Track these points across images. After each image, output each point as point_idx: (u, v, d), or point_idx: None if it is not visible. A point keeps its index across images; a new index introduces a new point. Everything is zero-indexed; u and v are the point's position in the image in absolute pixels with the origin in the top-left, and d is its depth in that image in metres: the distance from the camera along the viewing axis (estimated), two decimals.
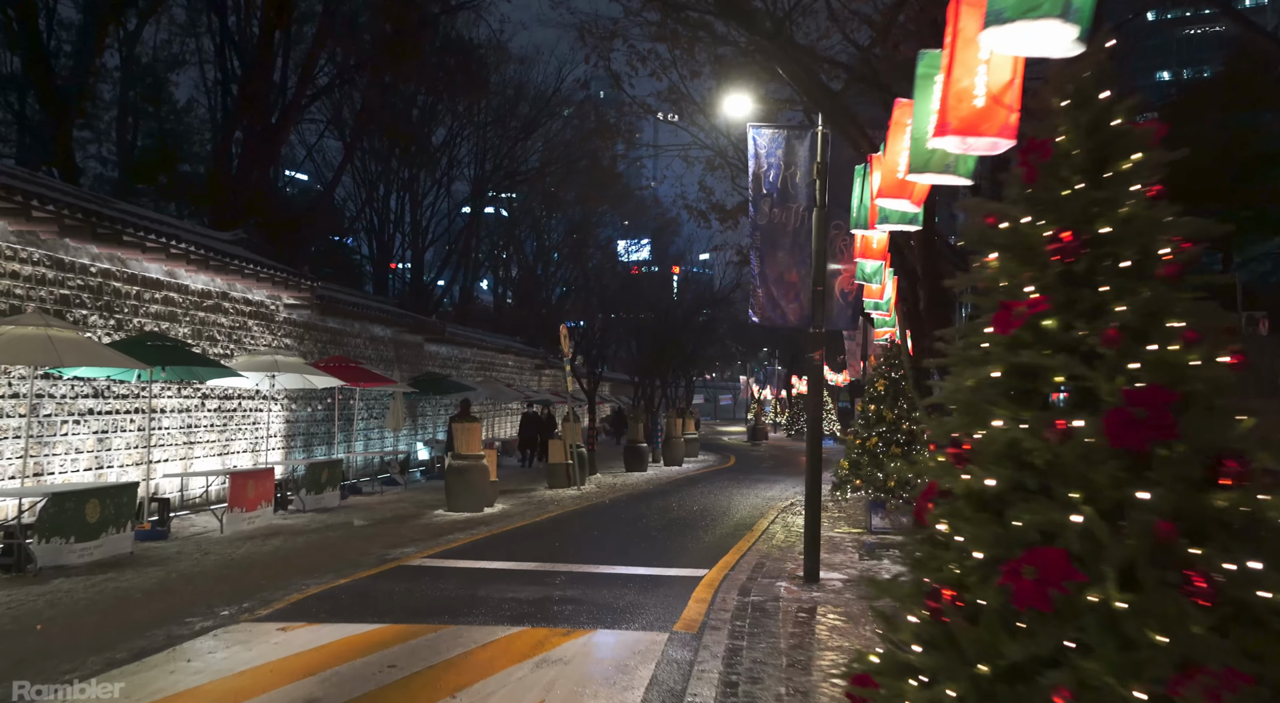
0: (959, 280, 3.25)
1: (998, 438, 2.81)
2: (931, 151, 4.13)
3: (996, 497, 2.84)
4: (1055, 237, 2.87)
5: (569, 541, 13.12)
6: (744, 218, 23.36)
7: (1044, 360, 2.80)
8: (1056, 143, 2.92)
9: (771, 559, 11.38)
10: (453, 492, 16.20)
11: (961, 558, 2.86)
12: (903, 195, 4.97)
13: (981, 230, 3.13)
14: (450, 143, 41.87)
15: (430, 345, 27.61)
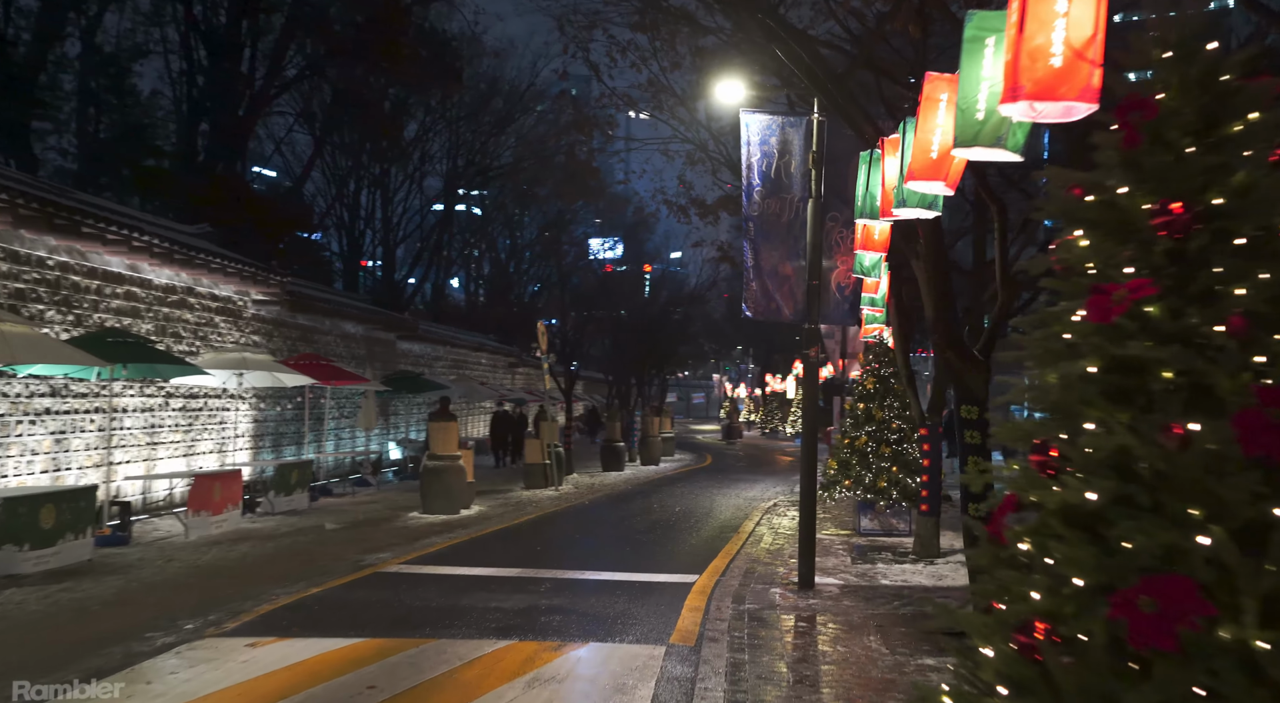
0: (1033, 262, 2.83)
1: (1101, 444, 2.39)
2: (981, 123, 3.74)
3: (1095, 513, 2.43)
4: (1162, 209, 2.46)
5: (551, 544, 12.66)
6: (724, 213, 22.98)
7: (1153, 353, 2.39)
8: (1161, 101, 2.51)
9: (762, 564, 10.98)
10: (428, 493, 15.68)
11: (1056, 585, 2.44)
12: (936, 176, 4.57)
13: (1066, 204, 2.72)
14: (422, 137, 41.21)
15: (403, 343, 27.03)
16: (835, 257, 9.85)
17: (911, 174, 4.71)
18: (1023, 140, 3.84)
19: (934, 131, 4.54)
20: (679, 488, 21.34)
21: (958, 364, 7.51)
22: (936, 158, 4.55)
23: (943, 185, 4.65)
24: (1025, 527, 2.61)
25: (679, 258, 59.94)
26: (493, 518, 15.24)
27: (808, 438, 9.77)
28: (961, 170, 4.61)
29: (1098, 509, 2.41)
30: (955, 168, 4.58)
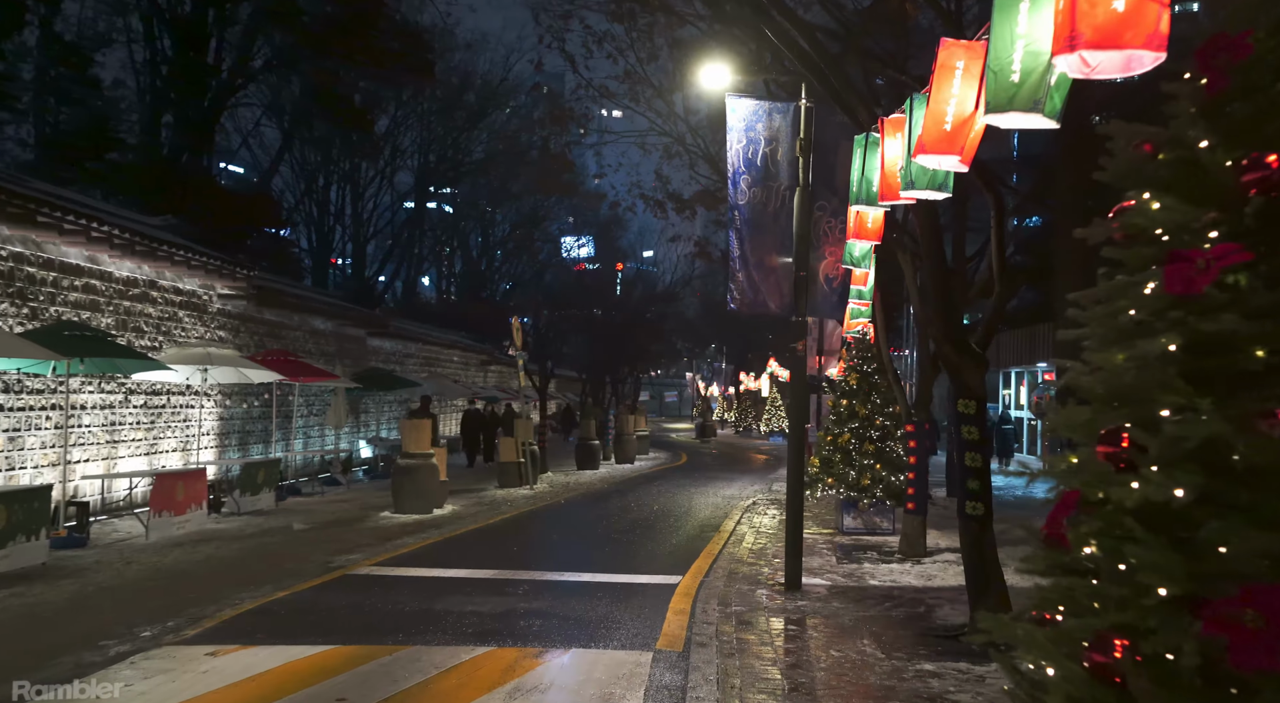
0: (1093, 229, 2.52)
1: (1190, 432, 2.08)
2: (1017, 86, 3.43)
3: (1177, 512, 2.12)
4: (1254, 163, 2.15)
5: (528, 545, 12.29)
6: (701, 208, 22.69)
7: (1246, 327, 2.08)
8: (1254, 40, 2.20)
9: (746, 564, 10.67)
10: (400, 492, 15.25)
11: (1133, 595, 2.13)
12: (950, 149, 4.27)
13: (1133, 163, 2.40)
14: (394, 132, 40.62)
15: (374, 340, 26.51)
16: (823, 247, 9.56)
17: (922, 147, 4.40)
18: (1060, 105, 3.54)
19: (949, 102, 4.23)
20: (656, 487, 21.02)
21: (955, 359, 7.23)
22: (951, 130, 4.24)
23: (956, 160, 4.34)
24: (1091, 527, 2.30)
25: (651, 257, 59.55)
26: (467, 518, 14.85)
27: (795, 435, 9.47)
28: (977, 144, 4.31)
29: (1181, 508, 2.10)
30: (971, 141, 4.28)
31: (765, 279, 9.56)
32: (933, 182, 5.08)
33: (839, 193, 9.54)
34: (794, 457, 9.44)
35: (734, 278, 9.62)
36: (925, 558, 11.08)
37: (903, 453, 13.33)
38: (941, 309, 7.26)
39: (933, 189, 5.10)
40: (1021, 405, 31.33)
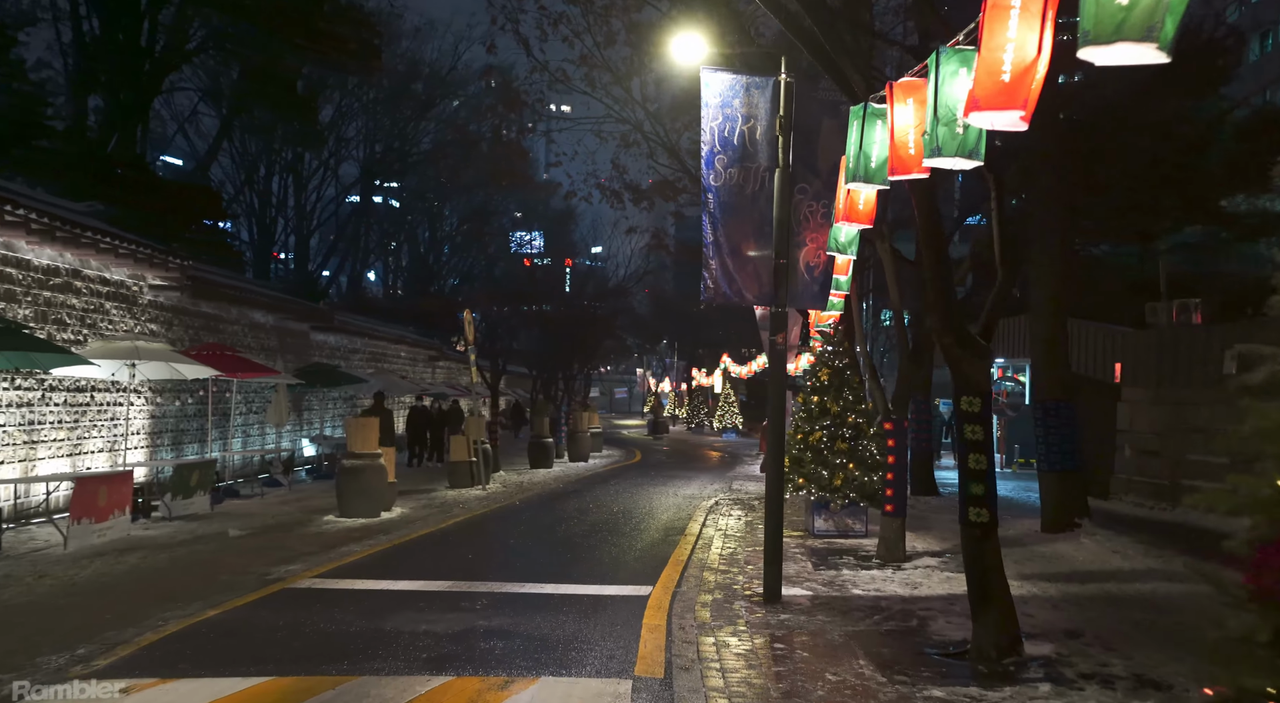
0: None
1: None
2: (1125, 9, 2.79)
3: None
4: None
5: (484, 551, 11.51)
6: (660, 199, 22.01)
7: None
8: None
9: (718, 571, 10.01)
10: (345, 495, 14.38)
11: None
12: (1011, 104, 3.61)
13: None
14: (338, 122, 39.36)
15: (318, 334, 25.47)
16: (804, 233, 8.92)
17: (976, 103, 3.74)
18: (1173, 33, 2.91)
19: (1005, 48, 3.59)
20: (613, 486, 20.31)
21: (956, 351, 6.62)
22: (1010, 81, 3.60)
23: (1018, 116, 3.70)
24: None
25: (600, 252, 58.71)
26: (417, 521, 14.02)
27: (774, 436, 8.82)
28: (1039, 94, 3.67)
29: None
30: (1034, 92, 3.64)
31: (742, 267, 8.89)
32: (962, 147, 4.44)
33: (821, 175, 8.93)
34: (773, 459, 8.79)
35: (707, 266, 8.94)
36: (905, 563, 10.52)
37: (877, 452, 12.79)
38: (941, 298, 6.65)
39: (962, 156, 4.46)
40: None
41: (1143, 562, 10.75)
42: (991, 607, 6.55)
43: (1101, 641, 7.05)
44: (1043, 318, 13.52)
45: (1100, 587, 9.30)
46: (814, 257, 8.92)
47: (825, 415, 12.90)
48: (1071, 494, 13.21)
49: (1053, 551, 11.59)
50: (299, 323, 23.76)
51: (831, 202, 8.85)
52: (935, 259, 6.69)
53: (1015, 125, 3.84)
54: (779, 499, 8.75)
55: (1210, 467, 14.87)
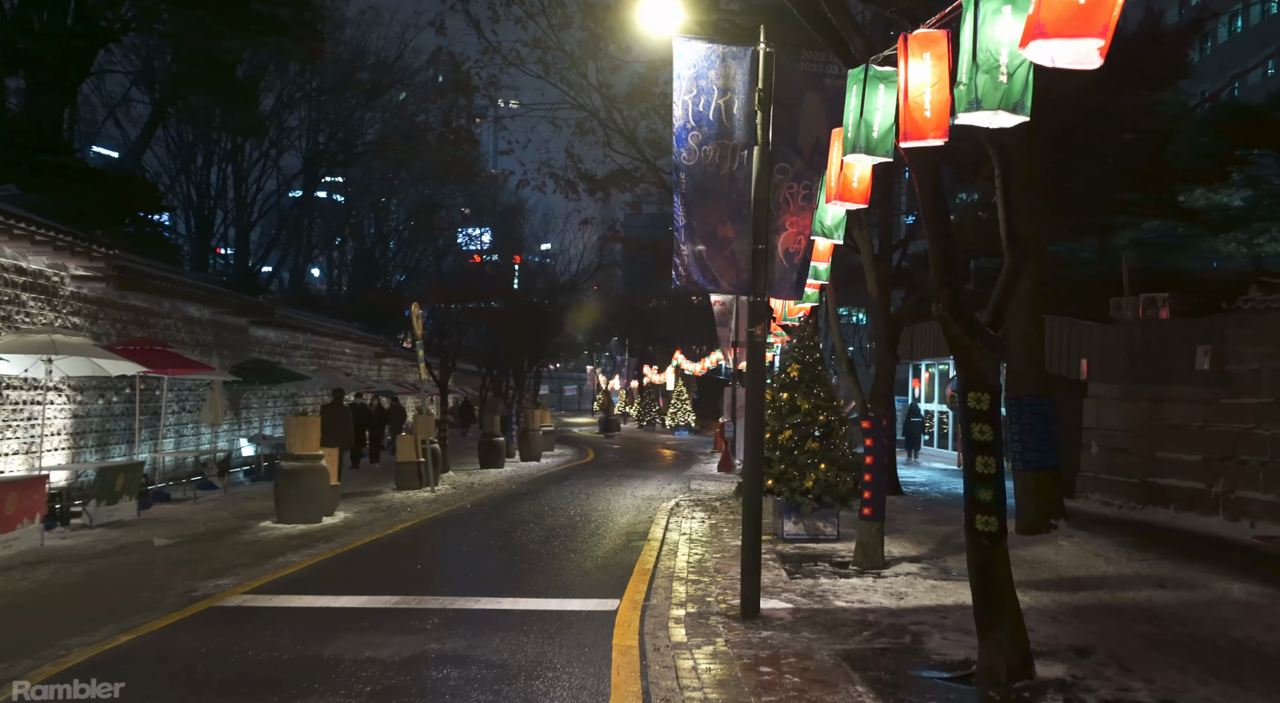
0: None
1: None
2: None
3: None
4: None
5: (435, 560, 10.68)
6: (615, 190, 21.28)
7: None
8: None
9: (688, 582, 9.31)
10: (284, 499, 13.46)
11: None
12: (1087, 30, 2.94)
13: None
14: (280, 111, 37.96)
15: (257, 330, 24.34)
16: (784, 217, 8.23)
17: (1039, 30, 3.07)
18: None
19: None
20: (568, 487, 19.54)
21: (964, 342, 6.00)
22: (1087, 2, 2.95)
23: (1095, 46, 3.04)
24: None
25: (549, 248, 57.58)
26: (361, 527, 13.14)
27: (752, 437, 8.14)
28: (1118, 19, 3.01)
29: None
30: (1115, 15, 2.98)
31: (717, 253, 8.19)
32: (1007, 98, 3.77)
33: (803, 154, 8.26)
34: (751, 461, 8.11)
35: (678, 251, 8.22)
36: (885, 570, 9.91)
37: (849, 452, 12.20)
38: (948, 282, 6.02)
39: (1006, 108, 3.79)
40: (932, 399, 30.90)
41: (1128, 566, 10.27)
42: (1001, 624, 5.92)
43: (1116, 660, 6.46)
44: (1020, 313, 13.02)
45: (1094, 595, 8.76)
46: (794, 242, 8.25)
47: (795, 413, 12.26)
48: (1049, 494, 12.75)
49: (1032, 554, 11.07)
50: (237, 318, 22.64)
51: (814, 183, 8.20)
52: (940, 238, 6.05)
53: (1087, 59, 3.18)
54: (758, 504, 8.07)
55: (1184, 465, 14.53)
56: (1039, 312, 13.12)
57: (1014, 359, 13.16)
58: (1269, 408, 12.97)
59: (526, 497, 17.54)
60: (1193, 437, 14.42)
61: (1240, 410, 13.47)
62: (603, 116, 19.18)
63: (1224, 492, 13.61)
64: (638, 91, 19.68)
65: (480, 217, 58.19)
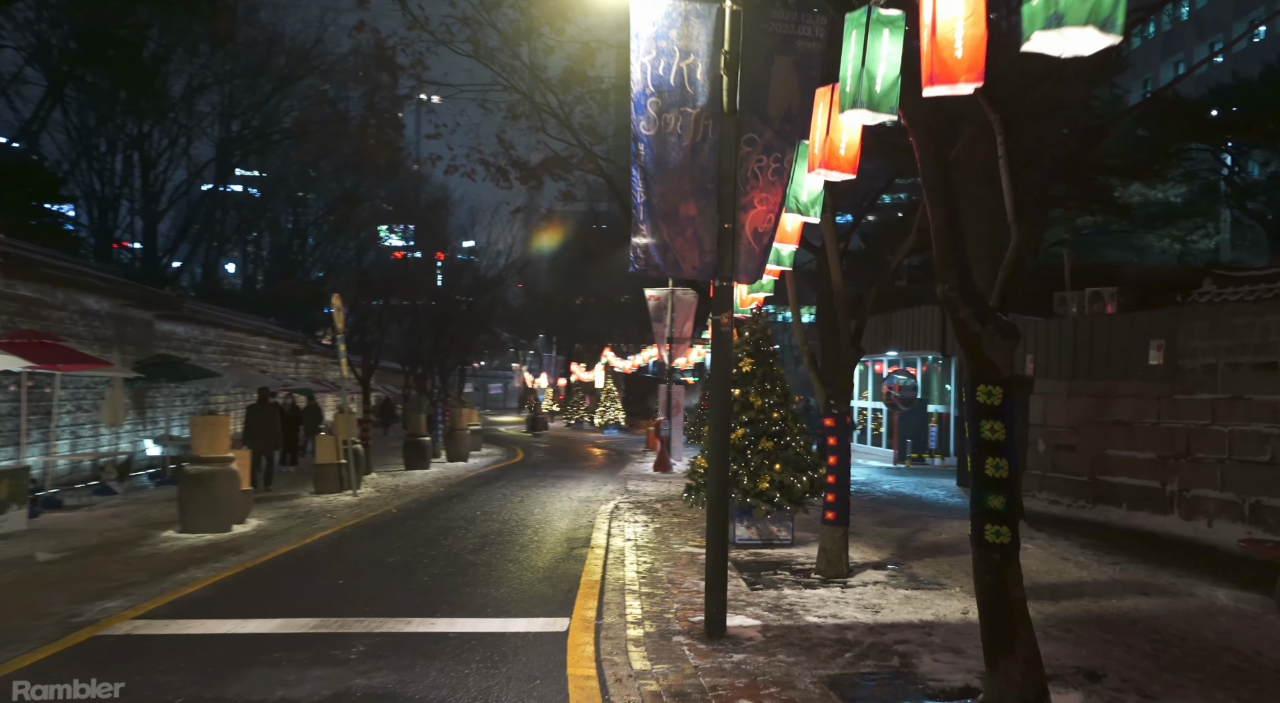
0: None
1: None
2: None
3: None
4: None
5: (359, 574, 9.67)
6: (548, 177, 20.35)
7: None
8: None
9: (641, 595, 8.49)
10: (189, 506, 12.28)
11: None
12: None
13: None
14: (190, 96, 36.00)
15: (164, 323, 22.82)
16: (752, 193, 7.45)
17: None
18: None
19: None
20: (499, 489, 18.56)
21: (974, 327, 5.28)
22: None
23: None
24: None
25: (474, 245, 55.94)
26: (276, 536, 12.03)
27: (717, 437, 7.35)
28: None
29: None
30: None
31: (679, 233, 7.38)
32: (1096, 14, 3.04)
33: (773, 123, 7.48)
34: (717, 463, 7.32)
35: (637, 230, 7.38)
36: (851, 579, 9.22)
37: (804, 450, 11.51)
38: (955, 261, 5.30)
39: (1095, 25, 3.05)
40: (866, 396, 30.61)
41: (1100, 571, 9.75)
42: (1014, 653, 5.21)
43: (1134, 686, 5.82)
44: None
45: (1077, 605, 8.17)
46: (763, 221, 7.47)
47: (748, 410, 11.52)
48: None
49: None
50: (142, 311, 21.13)
51: (785, 155, 7.44)
52: (945, 210, 5.32)
53: None
54: (724, 510, 7.28)
55: (1135, 462, 14.19)
56: (1003, 302, 12.59)
57: None
58: (1225, 404, 12.65)
59: (456, 500, 16.53)
60: (1144, 434, 14.09)
61: (1195, 406, 13.15)
62: (537, 100, 18.23)
63: (1179, 490, 13.27)
64: (572, 75, 18.79)
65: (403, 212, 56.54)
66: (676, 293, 26.06)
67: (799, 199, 7.03)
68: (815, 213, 7.13)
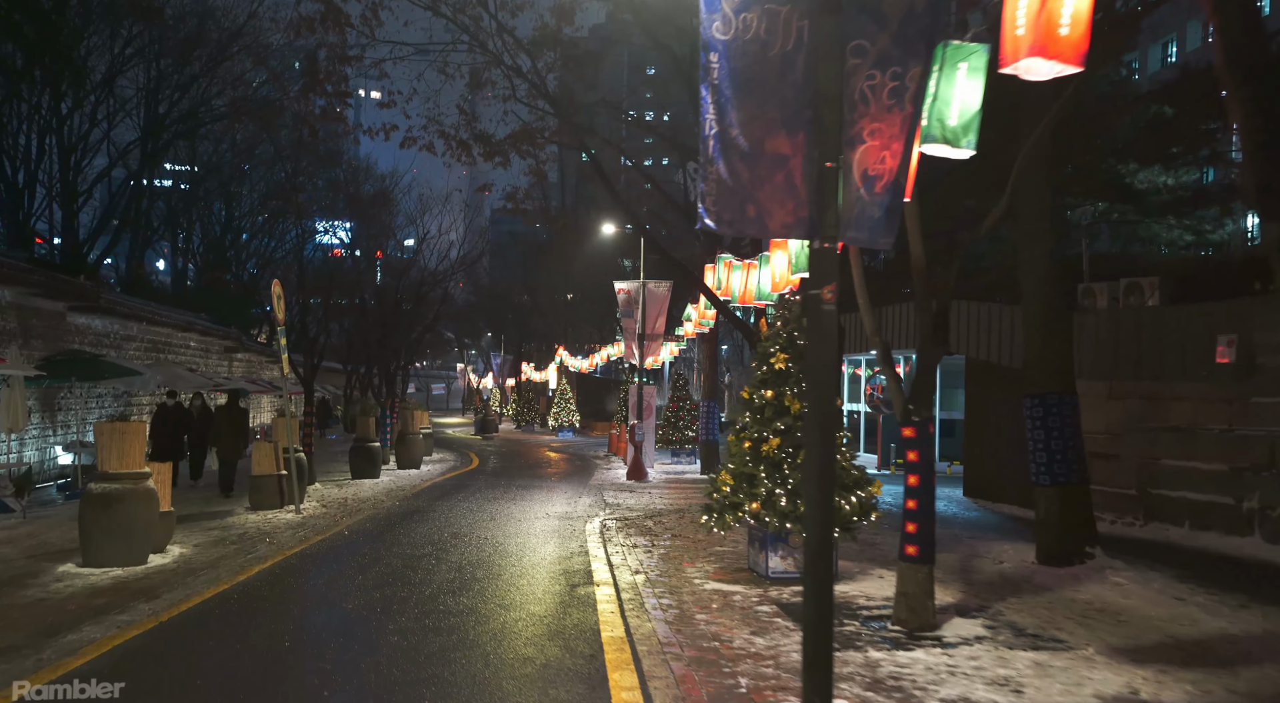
0: None
1: None
2: None
3: None
4: None
5: (310, 632, 7.49)
6: (515, 155, 18.19)
7: None
8: None
9: (689, 662, 6.46)
10: (93, 535, 9.97)
11: None
12: None
13: None
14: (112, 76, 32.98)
15: (79, 316, 20.26)
16: (860, 122, 5.45)
17: None
18: None
19: None
20: (462, 503, 16.38)
21: None
22: None
23: None
24: None
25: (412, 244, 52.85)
26: (202, 571, 9.78)
27: (817, 441, 5.33)
28: None
29: None
30: None
31: (763, 177, 5.36)
32: None
33: (889, 24, 5.49)
34: (818, 495, 5.30)
35: (707, 175, 5.36)
36: (944, 633, 7.29)
37: (850, 464, 9.58)
38: None
39: None
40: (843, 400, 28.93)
41: (1237, 617, 7.91)
42: None
43: None
44: (1036, 291, 10.70)
45: (1263, 674, 6.32)
46: (875, 161, 5.48)
47: (782, 416, 9.55)
48: (1077, 514, 10.43)
49: (1090, 596, 8.68)
50: (51, 301, 18.57)
51: (907, 69, 5.46)
52: None
53: None
54: (827, 557, 5.27)
55: (1199, 475, 12.49)
56: (1058, 292, 10.83)
57: (1030, 348, 10.82)
58: None
59: (416, 518, 14.33)
60: (1209, 442, 12.41)
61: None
62: (508, 63, 16.08)
63: (1260, 507, 11.60)
64: (548, 37, 16.69)
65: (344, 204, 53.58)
66: (649, 286, 24.06)
67: (944, 123, 5.07)
68: (969, 143, 5.16)
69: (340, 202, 46.64)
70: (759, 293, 10.60)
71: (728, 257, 13.67)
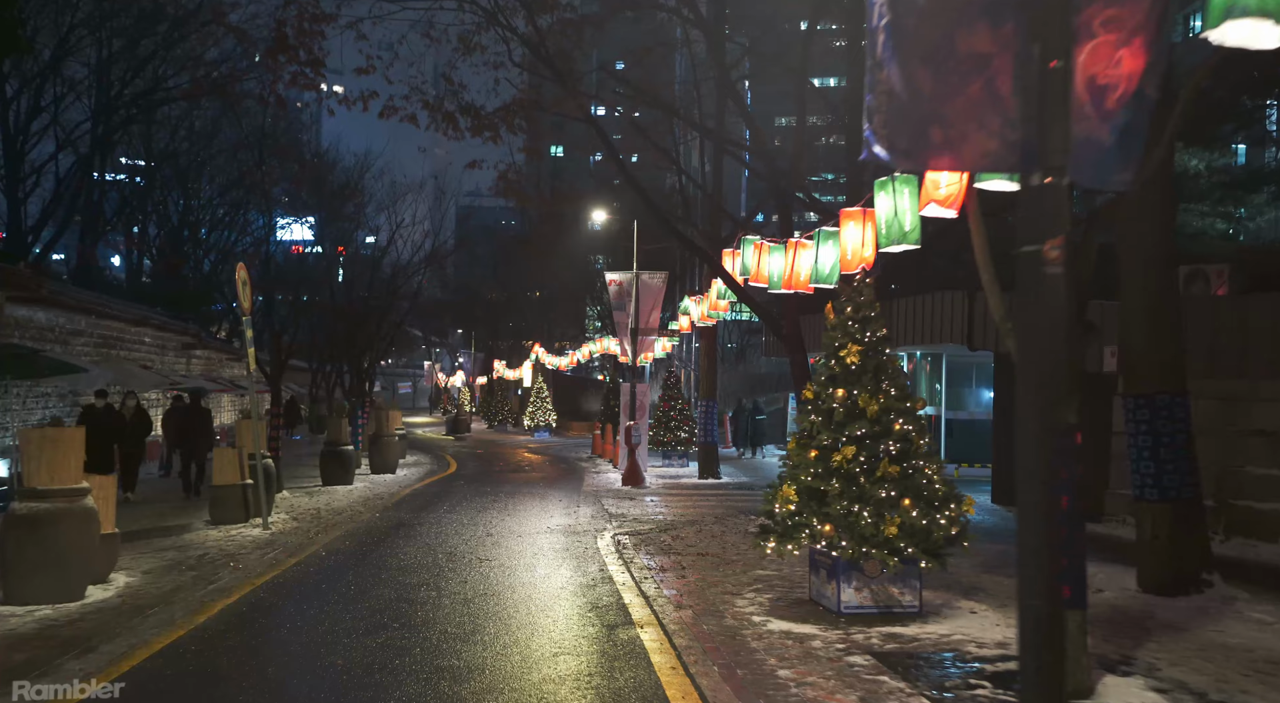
0: None
1: None
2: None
3: None
4: None
5: (283, 697, 5.80)
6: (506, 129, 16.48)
7: None
8: None
9: None
10: (17, 565, 8.19)
11: None
12: None
13: None
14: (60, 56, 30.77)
15: (18, 308, 18.27)
16: (1086, 11, 3.86)
17: None
18: None
19: None
20: (449, 515, 14.65)
21: None
22: None
23: None
24: None
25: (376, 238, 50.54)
26: (152, 608, 8.02)
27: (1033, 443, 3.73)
28: None
29: None
30: None
31: (956, 87, 3.77)
32: None
33: None
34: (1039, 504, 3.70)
35: (876, 82, 3.77)
36: (1107, 700, 5.73)
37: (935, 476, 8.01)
38: None
39: None
40: None
41: None
42: None
43: None
44: (1143, 277, 9.19)
45: None
46: (1109, 62, 3.89)
47: (858, 420, 7.96)
48: (1192, 535, 8.95)
49: (1250, 642, 7.16)
50: None
51: None
52: None
53: None
54: (1057, 625, 3.68)
55: None
56: (1168, 272, 9.34)
57: (1133, 341, 9.32)
58: None
59: (402, 534, 12.59)
60: None
61: None
62: (503, 21, 14.35)
63: None
64: None
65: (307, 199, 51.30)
66: (642, 278, 22.43)
67: None
68: None
69: (303, 196, 44.51)
70: (817, 276, 8.99)
71: (755, 238, 12.07)
